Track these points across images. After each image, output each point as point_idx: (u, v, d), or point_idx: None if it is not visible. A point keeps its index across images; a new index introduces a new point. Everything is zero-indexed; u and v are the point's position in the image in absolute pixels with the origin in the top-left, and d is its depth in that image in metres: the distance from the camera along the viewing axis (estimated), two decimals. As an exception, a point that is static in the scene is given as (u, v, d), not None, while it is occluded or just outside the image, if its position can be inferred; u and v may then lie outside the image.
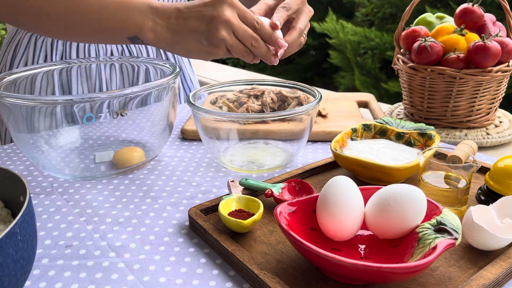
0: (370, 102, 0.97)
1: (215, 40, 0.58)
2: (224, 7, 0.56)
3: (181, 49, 0.60)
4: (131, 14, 0.59)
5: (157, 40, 0.60)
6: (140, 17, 0.59)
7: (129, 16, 0.59)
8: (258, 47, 0.59)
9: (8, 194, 0.46)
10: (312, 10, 0.64)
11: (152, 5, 0.59)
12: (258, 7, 0.63)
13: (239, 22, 0.57)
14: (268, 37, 0.59)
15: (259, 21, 0.58)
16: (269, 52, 0.60)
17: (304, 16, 0.62)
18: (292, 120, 0.64)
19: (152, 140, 0.71)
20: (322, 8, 3.60)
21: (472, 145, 0.61)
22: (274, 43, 0.59)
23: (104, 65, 0.85)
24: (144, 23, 0.59)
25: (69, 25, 0.61)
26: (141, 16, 0.59)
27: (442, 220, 0.42)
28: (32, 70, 0.72)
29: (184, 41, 0.59)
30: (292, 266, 0.45)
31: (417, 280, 0.42)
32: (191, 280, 0.44)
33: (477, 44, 0.76)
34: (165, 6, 0.59)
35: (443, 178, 0.54)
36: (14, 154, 0.76)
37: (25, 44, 0.87)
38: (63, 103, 0.57)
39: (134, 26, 0.59)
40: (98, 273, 0.45)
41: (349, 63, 3.18)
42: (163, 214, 0.56)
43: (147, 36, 0.59)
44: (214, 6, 0.56)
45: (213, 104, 0.79)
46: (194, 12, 0.57)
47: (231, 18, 0.56)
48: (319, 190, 0.58)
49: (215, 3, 0.56)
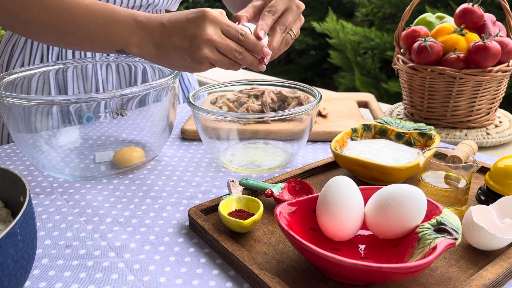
0: (370, 102, 0.97)
1: (198, 58, 0.58)
2: (206, 25, 0.56)
3: (165, 63, 0.61)
4: (117, 28, 0.59)
5: (142, 54, 0.60)
6: (126, 32, 0.59)
7: (115, 30, 0.59)
8: (243, 58, 0.59)
9: (8, 194, 0.46)
10: (300, 5, 0.63)
11: (138, 19, 0.59)
12: (246, 10, 0.63)
13: (221, 38, 0.57)
14: (253, 48, 0.58)
15: (244, 33, 0.57)
16: (255, 60, 0.60)
17: (289, 15, 0.62)
18: (292, 120, 0.64)
19: (152, 140, 0.71)
20: (322, 8, 3.60)
21: (472, 145, 0.61)
22: (259, 52, 0.59)
23: (100, 65, 0.85)
24: (129, 38, 0.59)
25: (62, 36, 0.62)
26: (127, 31, 0.59)
27: (442, 220, 0.42)
28: (28, 70, 0.72)
29: (167, 56, 0.59)
30: (292, 266, 0.45)
31: (417, 280, 0.42)
32: (191, 280, 0.44)
33: (477, 44, 0.76)
34: (150, 20, 0.59)
35: (443, 178, 0.54)
36: (14, 154, 0.76)
37: (21, 44, 0.87)
38: (60, 103, 0.58)
39: (120, 41, 0.60)
40: (98, 273, 0.45)
41: (349, 63, 3.18)
42: (163, 214, 0.56)
43: (133, 50, 0.60)
44: (196, 24, 0.56)
45: (213, 104, 0.79)
46: (177, 29, 0.57)
47: (213, 36, 0.56)
48: (319, 190, 0.58)
49: (197, 21, 0.56)
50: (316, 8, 3.69)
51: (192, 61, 0.58)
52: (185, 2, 4.26)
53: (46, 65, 0.76)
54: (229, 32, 0.57)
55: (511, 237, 0.45)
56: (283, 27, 0.61)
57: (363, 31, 2.97)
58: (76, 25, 0.60)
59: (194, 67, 0.59)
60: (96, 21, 0.60)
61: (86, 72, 0.84)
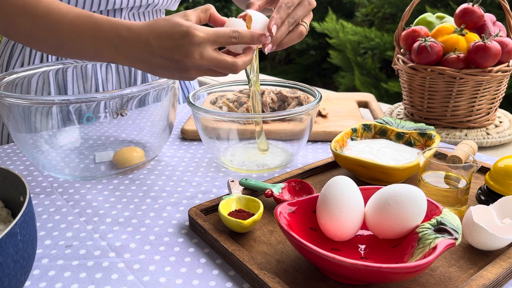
0: (370, 102, 0.97)
1: (188, 77, 0.57)
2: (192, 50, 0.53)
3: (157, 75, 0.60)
4: (102, 45, 0.57)
5: (133, 67, 0.59)
6: (111, 50, 0.57)
7: (101, 47, 0.58)
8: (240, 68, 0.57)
9: (8, 194, 0.46)
10: (312, 2, 0.63)
11: (121, 35, 0.56)
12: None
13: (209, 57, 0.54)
14: (250, 42, 0.58)
15: (235, 35, 0.56)
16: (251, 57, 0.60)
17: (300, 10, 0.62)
18: (292, 120, 0.64)
19: (152, 140, 0.71)
20: (322, 8, 3.60)
21: (472, 145, 0.61)
22: (257, 42, 0.59)
23: (100, 65, 0.85)
24: (115, 56, 0.57)
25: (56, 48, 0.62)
26: (112, 49, 0.57)
27: (442, 220, 0.42)
28: (28, 71, 0.72)
29: (157, 72, 0.58)
30: (292, 266, 0.45)
31: (417, 280, 0.42)
32: (191, 280, 0.44)
33: (477, 44, 0.76)
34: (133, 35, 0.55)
35: (443, 178, 0.54)
36: (14, 154, 0.76)
37: (21, 45, 0.87)
38: (60, 103, 0.58)
39: (107, 57, 0.58)
40: (98, 273, 0.45)
41: (349, 63, 3.18)
42: (163, 214, 0.56)
43: (122, 63, 0.59)
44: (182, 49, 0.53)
45: (213, 104, 0.79)
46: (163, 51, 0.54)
47: (199, 61, 0.54)
48: (319, 190, 0.58)
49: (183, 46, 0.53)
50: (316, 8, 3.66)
51: (182, 77, 0.58)
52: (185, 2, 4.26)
53: (46, 65, 0.76)
54: (220, 43, 0.56)
55: (511, 237, 0.45)
56: (291, 20, 0.61)
57: (363, 31, 2.97)
58: (64, 39, 0.59)
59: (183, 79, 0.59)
60: (82, 36, 0.58)
61: (86, 72, 0.84)
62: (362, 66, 3.06)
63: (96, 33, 0.57)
